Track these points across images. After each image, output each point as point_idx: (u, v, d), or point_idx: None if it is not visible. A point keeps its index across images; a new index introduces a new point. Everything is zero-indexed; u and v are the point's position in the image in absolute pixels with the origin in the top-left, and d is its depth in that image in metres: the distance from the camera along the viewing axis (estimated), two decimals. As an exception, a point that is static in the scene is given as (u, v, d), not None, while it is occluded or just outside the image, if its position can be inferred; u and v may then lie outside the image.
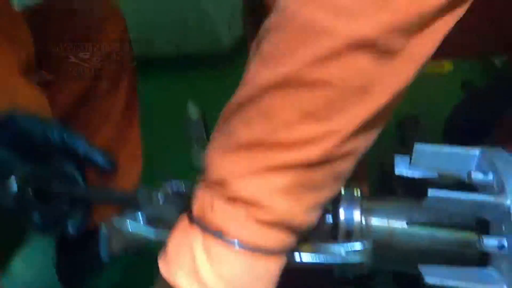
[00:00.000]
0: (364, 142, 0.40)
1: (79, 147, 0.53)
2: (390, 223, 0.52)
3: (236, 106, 0.40)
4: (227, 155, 0.40)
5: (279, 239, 0.40)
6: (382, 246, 0.51)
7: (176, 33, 1.68)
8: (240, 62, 0.44)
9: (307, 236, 0.45)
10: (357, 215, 0.52)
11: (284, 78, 0.37)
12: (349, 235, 0.51)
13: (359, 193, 0.54)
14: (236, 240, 0.39)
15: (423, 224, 0.51)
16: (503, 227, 0.44)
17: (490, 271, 0.45)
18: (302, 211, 0.40)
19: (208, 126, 1.24)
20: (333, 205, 0.53)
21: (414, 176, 0.56)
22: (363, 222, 0.52)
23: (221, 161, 0.40)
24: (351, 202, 0.53)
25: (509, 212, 0.43)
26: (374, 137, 0.41)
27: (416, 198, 0.54)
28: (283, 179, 0.38)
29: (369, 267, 0.51)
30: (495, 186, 0.46)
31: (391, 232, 0.51)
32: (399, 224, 0.52)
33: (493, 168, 0.47)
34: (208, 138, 1.26)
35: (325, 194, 0.42)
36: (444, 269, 0.45)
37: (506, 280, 0.43)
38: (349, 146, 0.39)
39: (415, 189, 0.59)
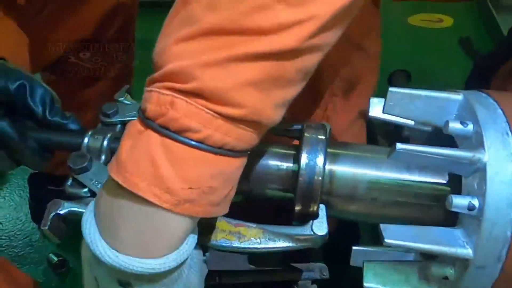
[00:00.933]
0: (334, 35, 0.37)
1: (49, 118, 0.51)
2: (357, 174, 0.47)
3: None
4: (189, 43, 0.35)
5: (245, 136, 0.37)
6: (345, 199, 0.47)
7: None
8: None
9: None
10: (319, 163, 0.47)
11: None
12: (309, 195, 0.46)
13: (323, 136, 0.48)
14: (201, 140, 0.35)
15: (391, 176, 0.46)
16: (476, 186, 0.39)
17: (456, 231, 0.41)
18: (270, 107, 0.37)
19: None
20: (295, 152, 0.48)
21: (390, 121, 0.50)
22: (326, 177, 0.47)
23: (181, 50, 0.35)
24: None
25: (485, 170, 0.39)
26: (341, 33, 0.38)
27: (387, 148, 0.49)
28: (254, 71, 0.34)
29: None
30: (473, 139, 0.41)
31: (357, 185, 0.47)
32: (366, 176, 0.47)
33: (473, 118, 0.42)
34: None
35: (292, 91, 0.38)
36: (406, 229, 0.41)
37: (472, 243, 0.39)
38: (322, 37, 0.36)
39: (395, 137, 0.53)
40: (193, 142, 0.35)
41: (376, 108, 0.51)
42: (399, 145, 0.40)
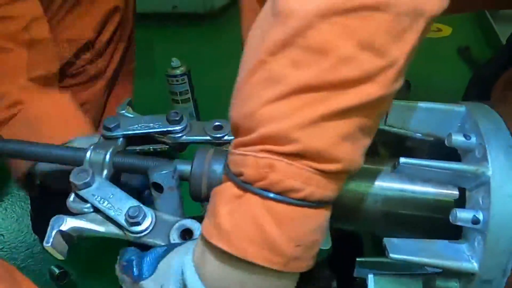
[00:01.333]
0: (403, 79, 0.38)
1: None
2: (361, 186, 0.47)
3: (278, 47, 0.35)
4: (279, 104, 0.35)
5: (339, 187, 0.38)
6: (349, 210, 0.47)
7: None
8: (228, 23, 0.39)
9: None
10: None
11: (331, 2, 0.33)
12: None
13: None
14: (303, 197, 0.36)
15: (395, 187, 0.46)
16: (480, 200, 0.39)
17: (461, 245, 0.41)
18: (359, 155, 0.38)
19: (192, 81, 1.17)
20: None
21: (391, 131, 0.50)
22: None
23: (272, 112, 0.35)
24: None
25: (489, 183, 0.38)
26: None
27: (390, 160, 0.49)
28: (346, 124, 0.35)
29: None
30: (476, 152, 0.41)
31: (361, 197, 0.47)
32: (370, 188, 0.47)
33: (476, 130, 0.41)
34: (192, 92, 1.20)
35: (372, 136, 0.39)
36: (411, 243, 0.40)
37: (477, 257, 0.39)
38: (400, 81, 0.36)
39: (397, 147, 0.53)
40: (296, 201, 0.36)
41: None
42: (402, 159, 0.40)
